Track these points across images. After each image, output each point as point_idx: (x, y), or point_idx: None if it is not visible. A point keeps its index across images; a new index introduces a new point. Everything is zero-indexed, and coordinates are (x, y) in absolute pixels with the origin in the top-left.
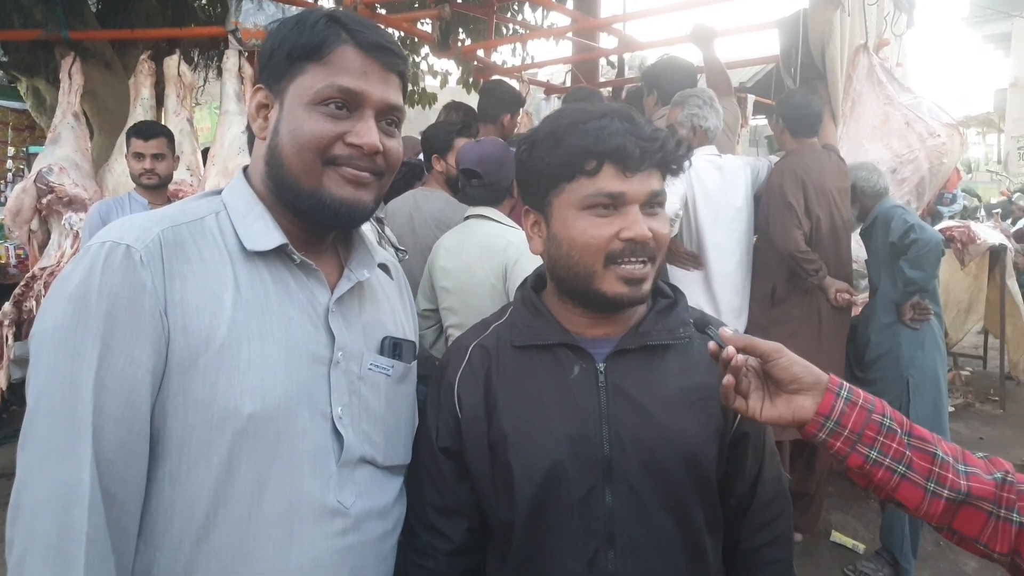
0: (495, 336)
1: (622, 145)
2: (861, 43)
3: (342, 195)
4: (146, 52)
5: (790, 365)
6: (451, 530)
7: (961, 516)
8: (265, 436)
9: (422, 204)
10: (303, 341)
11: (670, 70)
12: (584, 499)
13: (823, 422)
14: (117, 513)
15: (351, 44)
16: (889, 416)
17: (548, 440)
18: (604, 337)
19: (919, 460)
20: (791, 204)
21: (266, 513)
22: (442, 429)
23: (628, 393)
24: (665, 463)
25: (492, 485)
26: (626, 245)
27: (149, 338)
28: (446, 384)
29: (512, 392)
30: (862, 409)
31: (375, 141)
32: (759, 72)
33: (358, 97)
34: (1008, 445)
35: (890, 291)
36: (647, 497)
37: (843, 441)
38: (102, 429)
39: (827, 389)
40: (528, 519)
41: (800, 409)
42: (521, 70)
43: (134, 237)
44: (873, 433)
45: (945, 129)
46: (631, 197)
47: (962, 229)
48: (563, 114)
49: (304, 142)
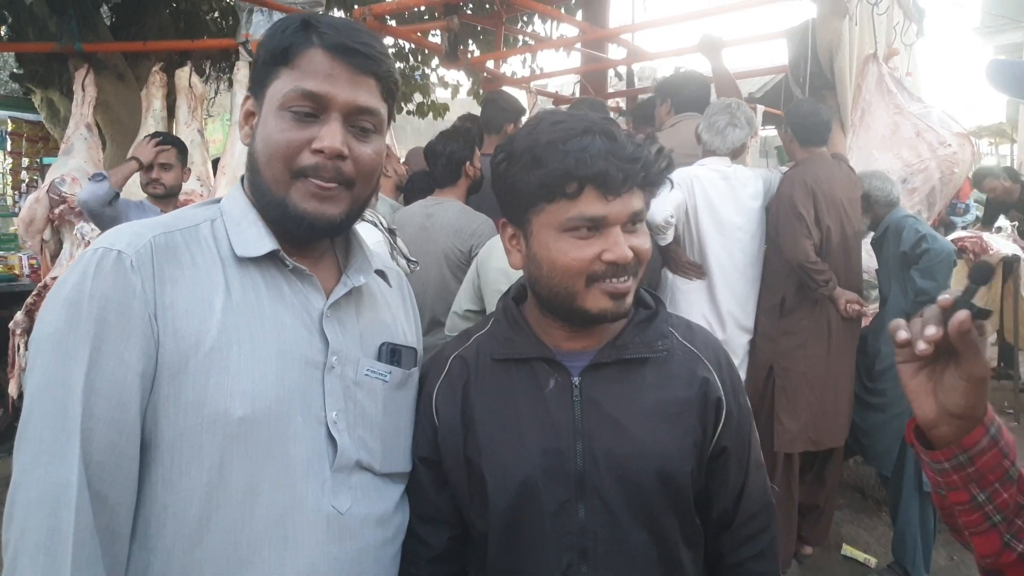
0: (476, 348)
1: (604, 170)
2: (870, 52)
3: (305, 208)
4: (158, 64)
5: (977, 387)
6: (432, 537)
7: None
8: (256, 440)
9: (436, 212)
10: (296, 345)
11: (685, 80)
12: (556, 513)
13: (957, 452)
14: (108, 515)
15: (318, 46)
16: (1015, 466)
17: (522, 454)
18: (581, 350)
19: (1015, 511)
20: (801, 214)
21: (260, 517)
22: (420, 439)
23: (602, 407)
24: (638, 477)
25: (468, 495)
26: (608, 267)
27: (139, 341)
28: (425, 395)
29: (489, 405)
30: (998, 452)
31: (336, 144)
32: (768, 82)
33: (322, 100)
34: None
35: (900, 301)
36: (620, 511)
37: (961, 476)
38: (92, 431)
39: (981, 422)
40: (502, 531)
41: (928, 411)
42: (529, 80)
43: (126, 243)
44: (994, 478)
45: (956, 138)
46: (613, 219)
47: (975, 239)
48: (541, 127)
49: (273, 150)
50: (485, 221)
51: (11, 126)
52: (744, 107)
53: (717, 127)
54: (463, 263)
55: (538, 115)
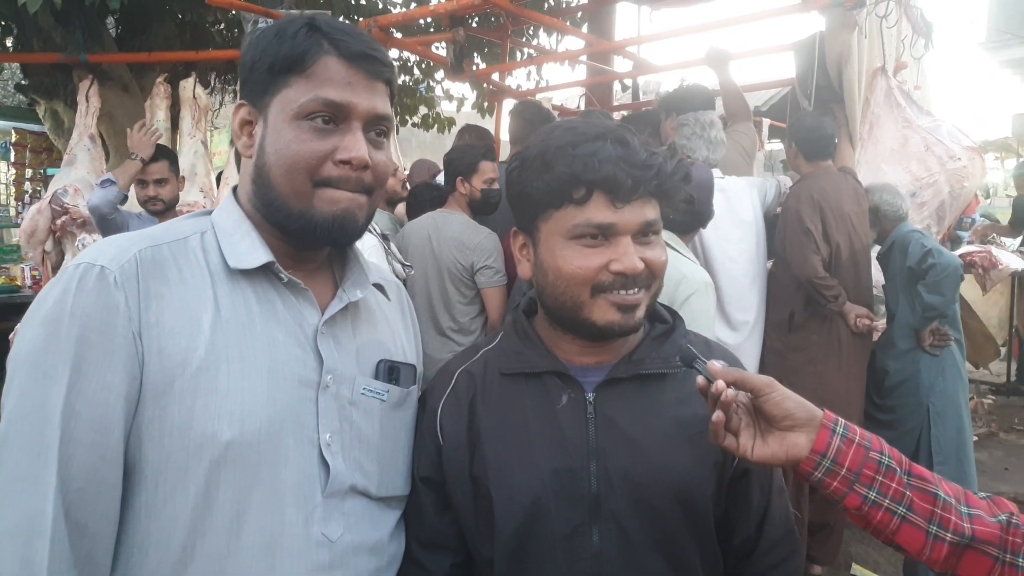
0: (483, 362)
1: (613, 175)
2: (879, 66)
3: (332, 219)
4: (162, 75)
5: (782, 400)
6: (433, 565)
7: (966, 561)
8: (245, 464)
9: (442, 225)
10: (289, 364)
11: (689, 94)
12: (569, 537)
13: (819, 460)
14: (88, 545)
15: (334, 54)
16: (888, 454)
17: (532, 473)
18: (596, 365)
19: (920, 501)
20: (809, 229)
21: (246, 546)
22: (423, 458)
23: (618, 425)
24: (657, 500)
25: (473, 519)
26: (616, 277)
27: (122, 361)
28: (429, 411)
29: (497, 421)
30: (859, 446)
31: (364, 155)
32: (774, 96)
33: (344, 109)
34: None
35: (908, 316)
36: (637, 537)
37: (840, 480)
38: (71, 456)
39: (822, 425)
40: (509, 557)
41: (794, 447)
42: (534, 93)
43: (109, 258)
44: (871, 472)
45: (966, 152)
46: (622, 228)
47: (983, 254)
48: (555, 134)
49: (292, 162)
50: (489, 236)
51: (15, 137)
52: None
53: (692, 148)
54: (465, 277)
55: (556, 122)
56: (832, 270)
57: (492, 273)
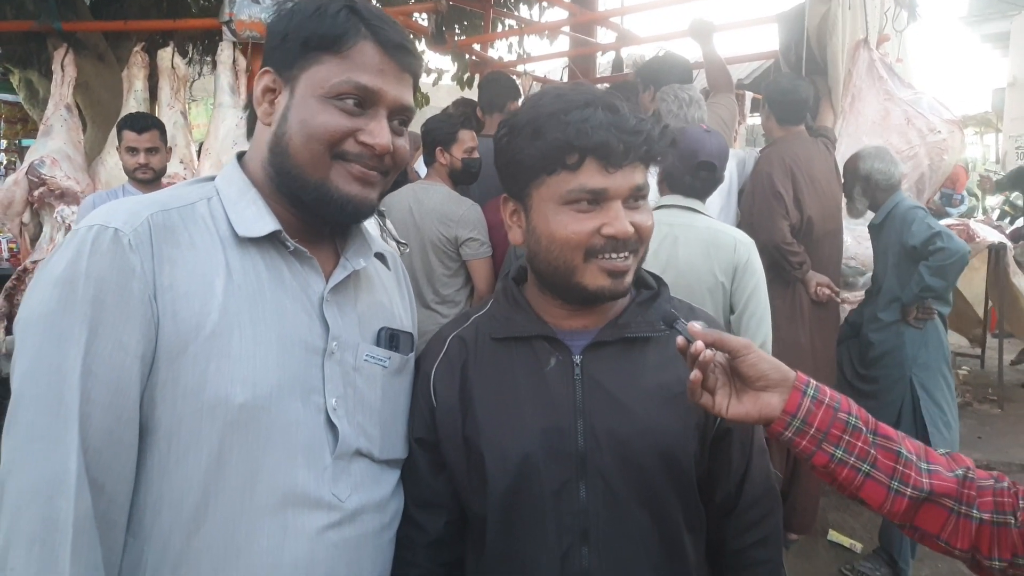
0: (474, 328)
1: (605, 140)
2: (861, 38)
3: (349, 191)
4: (140, 44)
5: (758, 362)
6: (429, 522)
7: (923, 513)
8: (257, 426)
9: (423, 198)
10: (297, 330)
11: (666, 66)
12: (557, 493)
13: (789, 420)
14: (105, 504)
15: (371, 40)
16: (855, 415)
17: (521, 432)
18: (583, 329)
19: (883, 459)
20: (779, 193)
21: (259, 506)
22: (417, 420)
23: (604, 386)
24: (641, 458)
25: (467, 477)
26: (607, 241)
27: (138, 323)
28: (422, 375)
29: (488, 384)
30: (828, 407)
31: (387, 142)
32: (756, 69)
33: (374, 95)
34: (1006, 445)
35: (896, 290)
36: (622, 492)
37: (809, 440)
38: (89, 417)
39: (794, 387)
40: (501, 513)
41: (767, 406)
42: (516, 64)
43: (122, 221)
44: (839, 431)
45: (946, 125)
46: (613, 193)
47: (961, 227)
48: (544, 101)
49: (315, 134)
50: (472, 207)
51: None
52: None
53: (683, 116)
54: (449, 250)
55: (542, 90)
56: (800, 236)
57: (478, 245)
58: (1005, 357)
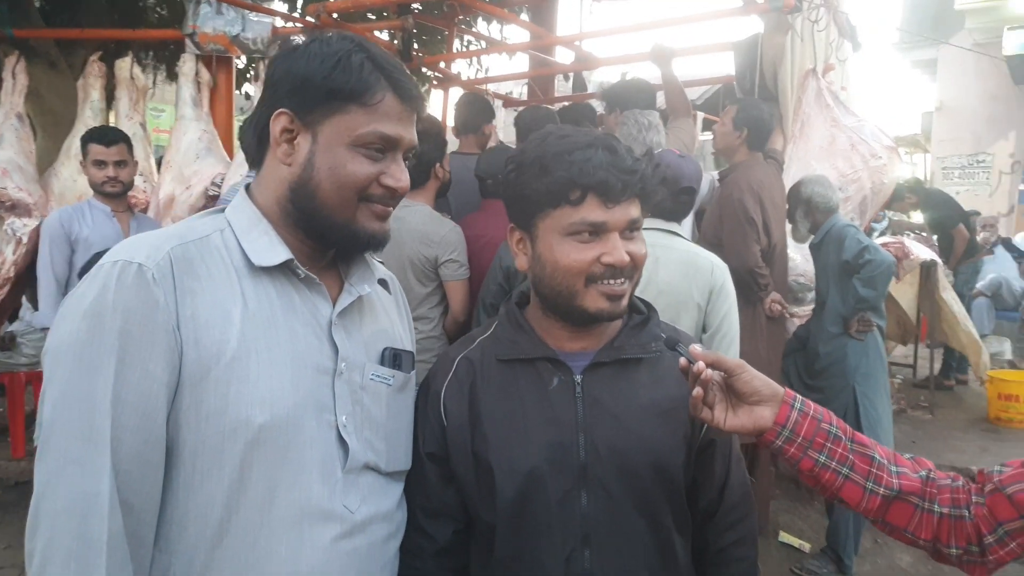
0: (480, 350)
1: (605, 179)
2: (810, 67)
3: (372, 228)
4: (96, 53)
5: (752, 379)
6: (437, 531)
7: (893, 510)
8: (275, 445)
9: (405, 216)
10: (308, 353)
11: (632, 90)
12: (561, 502)
13: (780, 431)
14: (134, 522)
15: (392, 92)
16: (835, 425)
17: (528, 447)
18: (582, 351)
19: (860, 463)
20: (752, 219)
21: (277, 519)
22: (428, 435)
23: (603, 403)
24: (637, 468)
25: (476, 488)
26: (606, 268)
27: (163, 352)
28: (433, 394)
29: (495, 402)
30: (813, 419)
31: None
32: (708, 91)
33: (395, 142)
34: (938, 448)
35: (838, 305)
36: (620, 500)
37: (796, 447)
38: (120, 441)
39: (783, 401)
40: (509, 520)
41: (760, 419)
42: (479, 83)
43: (145, 255)
44: (822, 440)
45: (886, 151)
46: (612, 226)
47: (897, 245)
48: (549, 141)
49: (346, 182)
50: (453, 229)
51: None
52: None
53: (642, 140)
54: (428, 270)
55: (546, 130)
56: (767, 258)
57: (456, 267)
58: (935, 367)
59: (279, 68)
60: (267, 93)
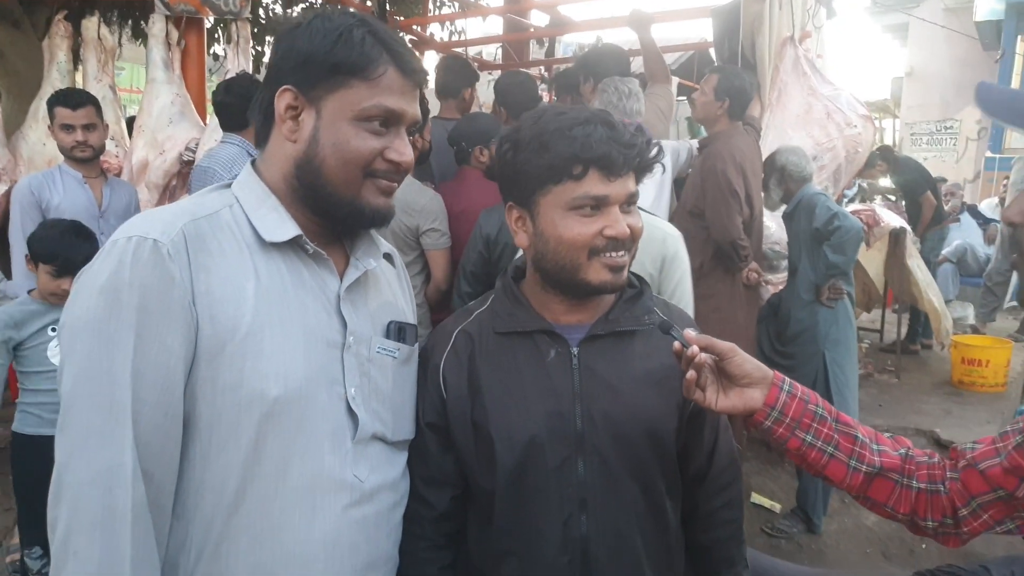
0: (478, 323)
1: (607, 153)
2: (788, 35)
3: (377, 204)
4: (61, 12)
5: (743, 363)
6: (436, 499)
7: (875, 486)
8: (288, 417)
9: None
10: (318, 327)
11: (604, 57)
12: (559, 468)
13: (769, 412)
14: (154, 492)
15: (394, 66)
16: (821, 406)
17: (527, 416)
18: (578, 324)
19: (844, 442)
20: (736, 191)
21: (291, 488)
22: (428, 407)
23: (599, 374)
24: (631, 436)
25: (475, 457)
26: (609, 241)
27: (179, 327)
28: (432, 366)
29: (494, 374)
30: (800, 400)
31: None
32: (681, 56)
33: (398, 116)
34: (904, 411)
35: (809, 272)
36: (615, 466)
37: (784, 427)
38: (140, 414)
39: (772, 383)
40: (508, 487)
41: (750, 400)
42: (454, 46)
43: (159, 231)
44: (809, 420)
45: (861, 120)
46: (613, 199)
47: (868, 212)
48: (546, 118)
49: (351, 158)
50: (434, 198)
51: None
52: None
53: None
54: (410, 239)
55: (540, 108)
56: (747, 228)
57: (438, 236)
58: (902, 331)
59: (282, 46)
60: (271, 71)
